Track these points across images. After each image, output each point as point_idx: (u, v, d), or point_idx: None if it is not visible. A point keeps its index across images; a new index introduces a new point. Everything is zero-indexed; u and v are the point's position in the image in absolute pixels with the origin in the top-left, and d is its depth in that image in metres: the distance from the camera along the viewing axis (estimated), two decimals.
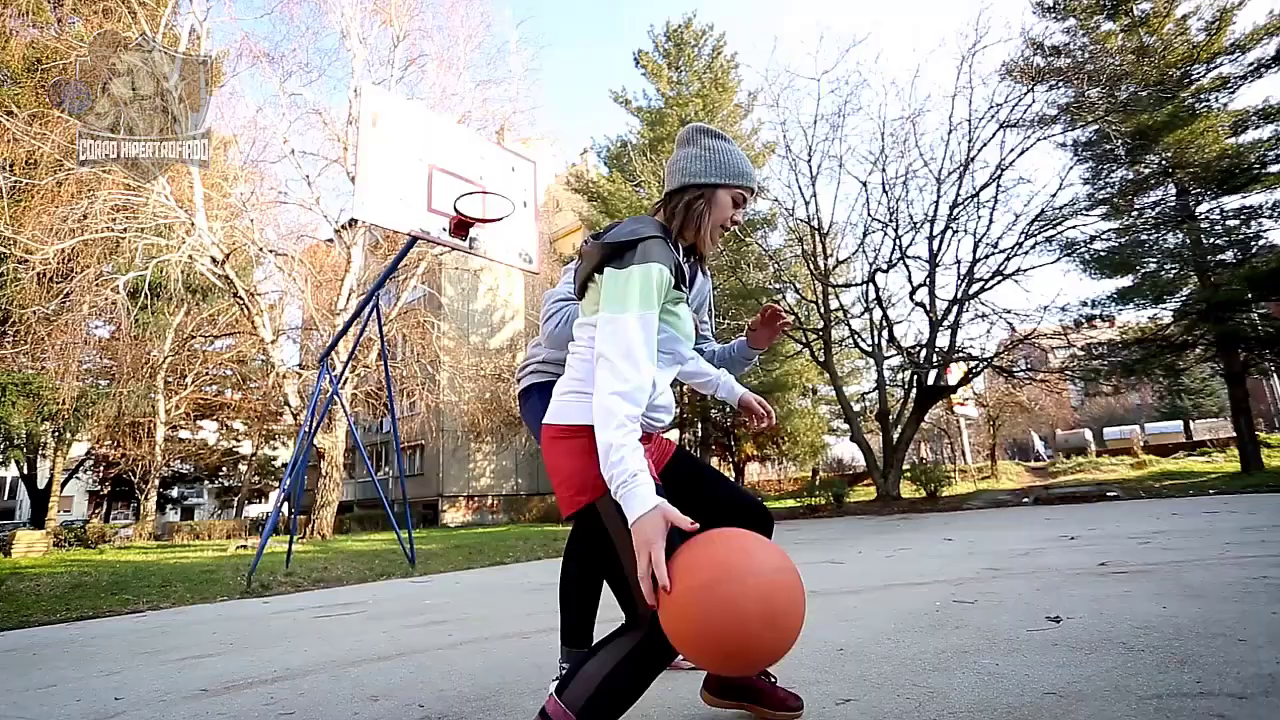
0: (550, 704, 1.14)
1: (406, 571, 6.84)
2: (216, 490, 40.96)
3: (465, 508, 25.96)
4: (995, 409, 24.95)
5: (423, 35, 16.86)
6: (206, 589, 5.86)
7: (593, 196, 23.30)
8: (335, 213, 17.77)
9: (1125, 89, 14.28)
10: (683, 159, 1.37)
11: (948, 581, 3.58)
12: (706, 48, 24.12)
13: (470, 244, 4.99)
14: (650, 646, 1.12)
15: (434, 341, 19.42)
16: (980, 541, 5.82)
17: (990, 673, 1.78)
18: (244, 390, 30.60)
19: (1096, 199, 15.07)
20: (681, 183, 1.35)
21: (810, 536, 8.48)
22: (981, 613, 2.62)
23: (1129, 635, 2.03)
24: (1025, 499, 12.51)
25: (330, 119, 16.70)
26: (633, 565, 1.06)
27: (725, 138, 1.39)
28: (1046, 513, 9.24)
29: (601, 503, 1.16)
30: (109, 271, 14.62)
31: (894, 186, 15.64)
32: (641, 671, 1.14)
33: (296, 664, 2.61)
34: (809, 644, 2.30)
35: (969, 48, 14.53)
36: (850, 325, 17.53)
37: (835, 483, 17.28)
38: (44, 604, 5.13)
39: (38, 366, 17.58)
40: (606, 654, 1.16)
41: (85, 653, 3.26)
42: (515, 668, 2.30)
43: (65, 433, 21.72)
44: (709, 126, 1.40)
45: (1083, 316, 15.70)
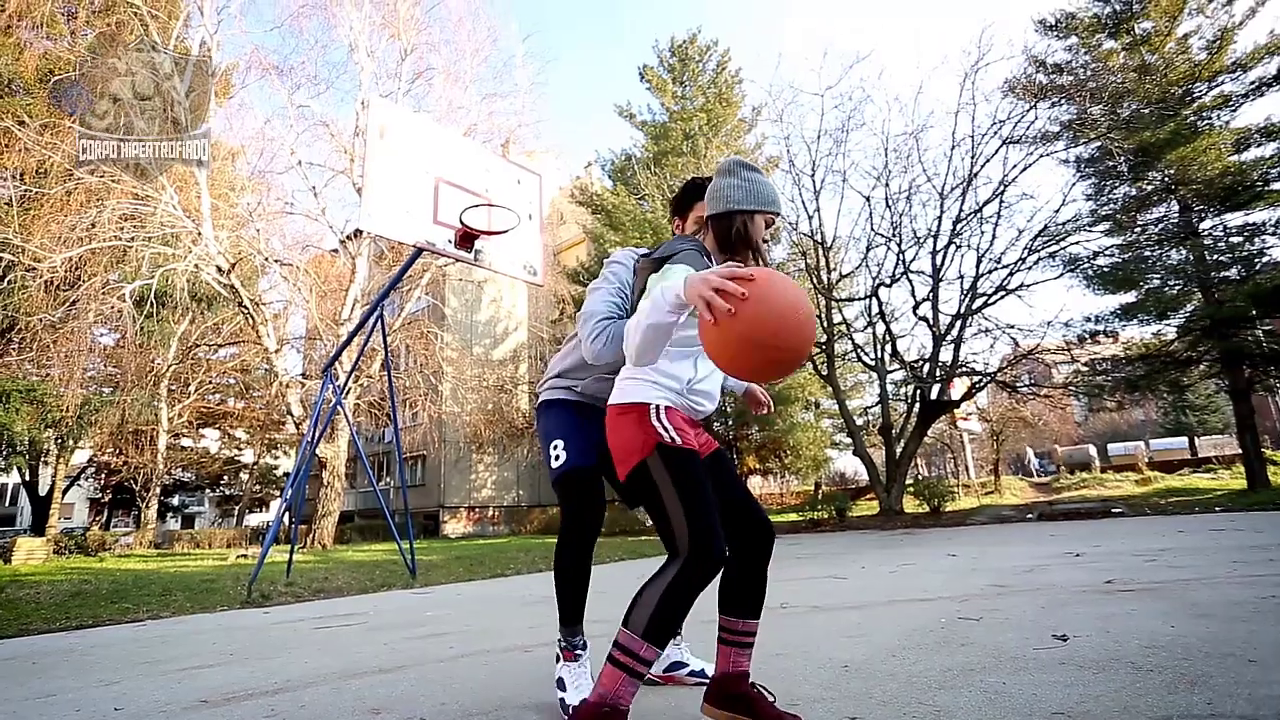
0: (620, 635, 1.42)
1: (407, 583, 6.81)
2: (217, 499, 40.89)
3: (466, 519, 25.89)
4: (999, 424, 24.88)
5: (430, 49, 17.06)
6: (207, 598, 5.83)
7: (597, 209, 23.43)
8: (341, 223, 17.90)
9: (1127, 106, 14.38)
10: (726, 187, 1.64)
11: (952, 598, 3.55)
12: (711, 63, 24.33)
13: (475, 256, 5.01)
14: (689, 570, 1.40)
15: (437, 352, 19.46)
16: (984, 557, 5.78)
17: (997, 691, 1.77)
18: (247, 399, 30.67)
19: (1099, 215, 15.13)
20: (726, 208, 1.63)
21: (813, 551, 8.43)
22: (987, 630, 2.60)
23: (1137, 655, 2.01)
24: (1029, 515, 12.44)
25: (337, 131, 16.86)
26: (675, 506, 1.45)
27: (759, 170, 1.67)
28: (1051, 529, 9.18)
29: (650, 459, 1.50)
30: (115, 280, 14.70)
31: (897, 201, 15.72)
32: (686, 591, 1.40)
33: (297, 675, 2.59)
34: (813, 660, 2.28)
35: (972, 65, 14.68)
36: (853, 339, 17.54)
37: (838, 497, 17.22)
38: (44, 612, 5.12)
39: (42, 373, 17.67)
40: (657, 583, 1.43)
41: (85, 662, 3.24)
42: (518, 681, 2.29)
43: (68, 440, 21.76)
44: (746, 160, 1.68)
45: (1086, 332, 15.70)
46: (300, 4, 16.26)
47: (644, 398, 1.54)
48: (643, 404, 1.54)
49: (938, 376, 15.72)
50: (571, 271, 24.47)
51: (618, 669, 1.40)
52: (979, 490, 21.94)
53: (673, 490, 1.46)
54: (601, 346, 1.85)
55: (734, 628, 1.67)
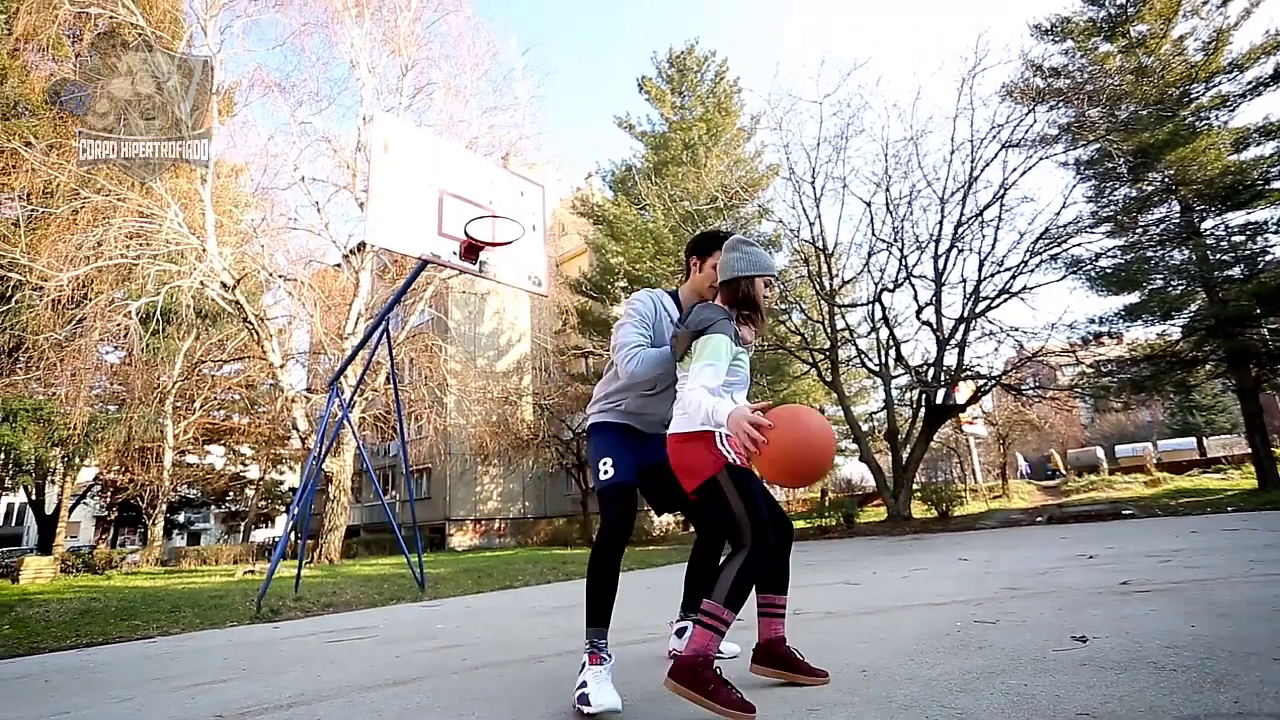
0: (707, 604, 1.87)
1: (416, 596, 6.78)
2: (223, 515, 40.86)
3: (472, 531, 25.81)
4: (1005, 427, 24.78)
5: (430, 64, 17.21)
6: (216, 614, 5.82)
7: (598, 220, 23.50)
8: (344, 238, 17.99)
9: (1125, 108, 14.42)
10: (731, 260, 2.18)
11: (966, 602, 3.53)
12: (709, 73, 24.47)
13: (480, 267, 5.02)
14: (754, 555, 1.90)
15: (441, 365, 19.48)
16: (996, 561, 5.74)
17: (1019, 693, 1.75)
18: (251, 415, 30.72)
19: (1100, 217, 15.13)
20: (734, 275, 2.15)
21: (822, 558, 8.38)
22: (1004, 633, 2.58)
23: (1159, 655, 1.99)
24: (1039, 518, 12.36)
25: (339, 146, 16.99)
26: (740, 510, 1.95)
27: (755, 244, 2.22)
28: (1061, 532, 9.12)
29: (720, 475, 1.98)
30: (121, 298, 14.77)
31: (898, 207, 15.73)
32: (753, 570, 1.90)
33: (311, 689, 2.58)
34: (830, 665, 2.26)
35: (969, 70, 14.71)
36: (857, 345, 17.51)
37: (845, 503, 17.15)
38: (54, 630, 5.11)
39: (49, 392, 17.71)
40: (731, 565, 1.91)
41: (97, 679, 3.23)
42: (534, 691, 2.28)
43: (74, 458, 21.79)
44: (744, 237, 2.27)
45: (1090, 334, 15.67)
46: (302, 22, 16.44)
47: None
48: (708, 432, 1.99)
49: (942, 381, 15.68)
50: (574, 282, 24.52)
51: (706, 630, 1.84)
52: (986, 494, 21.83)
53: (738, 498, 1.96)
54: (635, 367, 2.30)
55: (772, 602, 2.22)
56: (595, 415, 2.55)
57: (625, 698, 1.97)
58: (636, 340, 2.37)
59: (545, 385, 24.39)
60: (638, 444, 2.48)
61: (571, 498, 27.77)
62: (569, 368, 26.32)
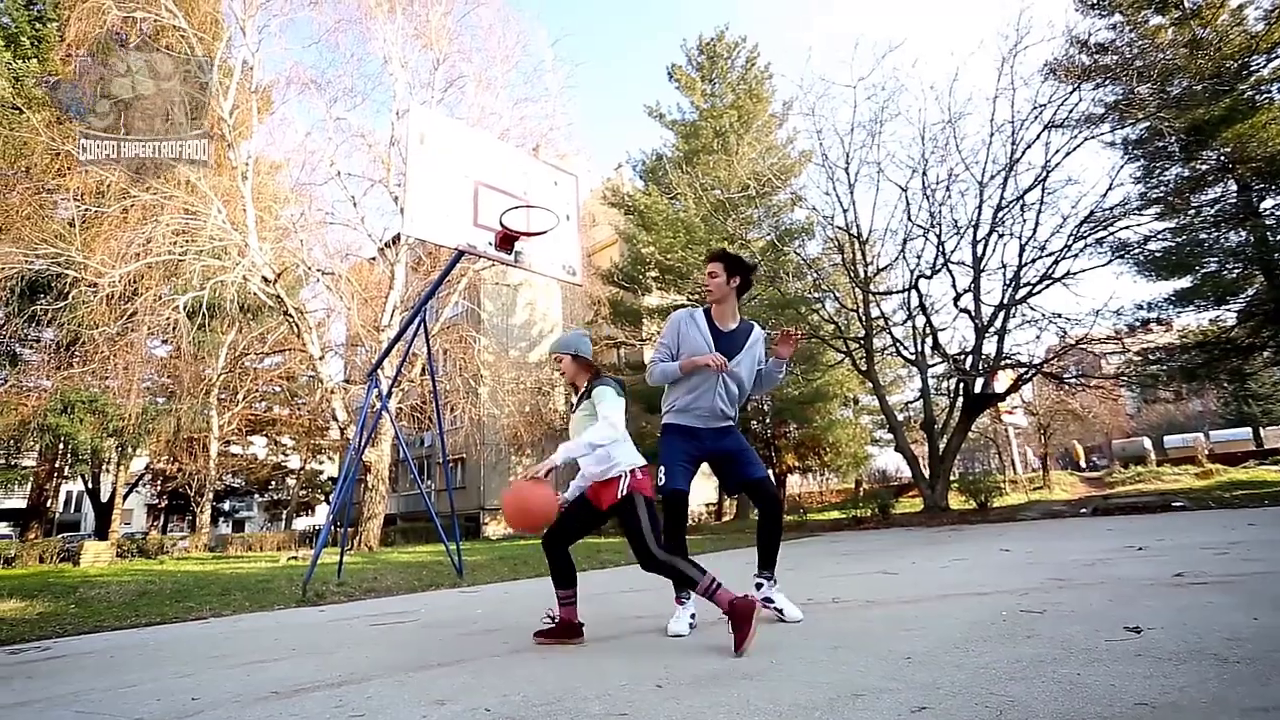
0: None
1: (454, 582, 6.91)
2: (266, 503, 42.18)
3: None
4: (1046, 417, 24.14)
5: (462, 57, 17.31)
6: (264, 598, 6.02)
7: (629, 210, 23.46)
8: (379, 231, 18.29)
9: (1178, 83, 13.80)
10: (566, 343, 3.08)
11: (1010, 592, 3.46)
12: (740, 59, 24.17)
13: (516, 257, 5.07)
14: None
15: (475, 356, 19.73)
16: (1040, 552, 5.61)
17: (1072, 683, 1.71)
18: (291, 406, 31.56)
19: (1150, 198, 14.55)
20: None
21: (858, 548, 8.30)
22: (1052, 623, 2.52)
23: (1220, 647, 1.93)
24: (1083, 510, 12.02)
25: (373, 141, 17.24)
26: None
27: (580, 333, 3.13)
28: (1108, 523, 8.86)
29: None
30: (168, 293, 15.29)
31: (935, 191, 15.37)
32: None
33: (359, 669, 2.65)
34: (873, 653, 2.24)
35: (1010, 49, 14.25)
36: (892, 333, 17.21)
37: (881, 494, 16.93)
38: (115, 610, 5.34)
39: (103, 385, 18.45)
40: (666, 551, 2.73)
41: (158, 656, 3.38)
42: (576, 673, 2.30)
43: (127, 448, 22.71)
44: (585, 331, 3.21)
45: (1138, 320, 15.12)
46: (336, 19, 16.70)
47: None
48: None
49: (981, 369, 15.33)
50: (605, 273, 24.56)
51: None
52: (1027, 485, 21.32)
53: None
54: (649, 378, 3.20)
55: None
56: (664, 417, 3.19)
57: (661, 682, 1.98)
58: (656, 357, 3.17)
59: None
60: (693, 442, 3.07)
61: None
62: (601, 358, 26.41)
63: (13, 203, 13.98)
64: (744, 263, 3.12)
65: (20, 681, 2.86)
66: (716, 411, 3.05)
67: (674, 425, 3.11)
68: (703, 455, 3.08)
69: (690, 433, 3.07)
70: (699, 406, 3.05)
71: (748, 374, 3.11)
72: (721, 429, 3.11)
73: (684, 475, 3.01)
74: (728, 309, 3.12)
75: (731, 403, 3.11)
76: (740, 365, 3.08)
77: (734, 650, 2.39)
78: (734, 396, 3.11)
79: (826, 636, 2.62)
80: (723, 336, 3.08)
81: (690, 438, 3.07)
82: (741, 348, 3.09)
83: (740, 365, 3.08)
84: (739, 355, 3.07)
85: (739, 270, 3.08)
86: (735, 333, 3.11)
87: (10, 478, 21.22)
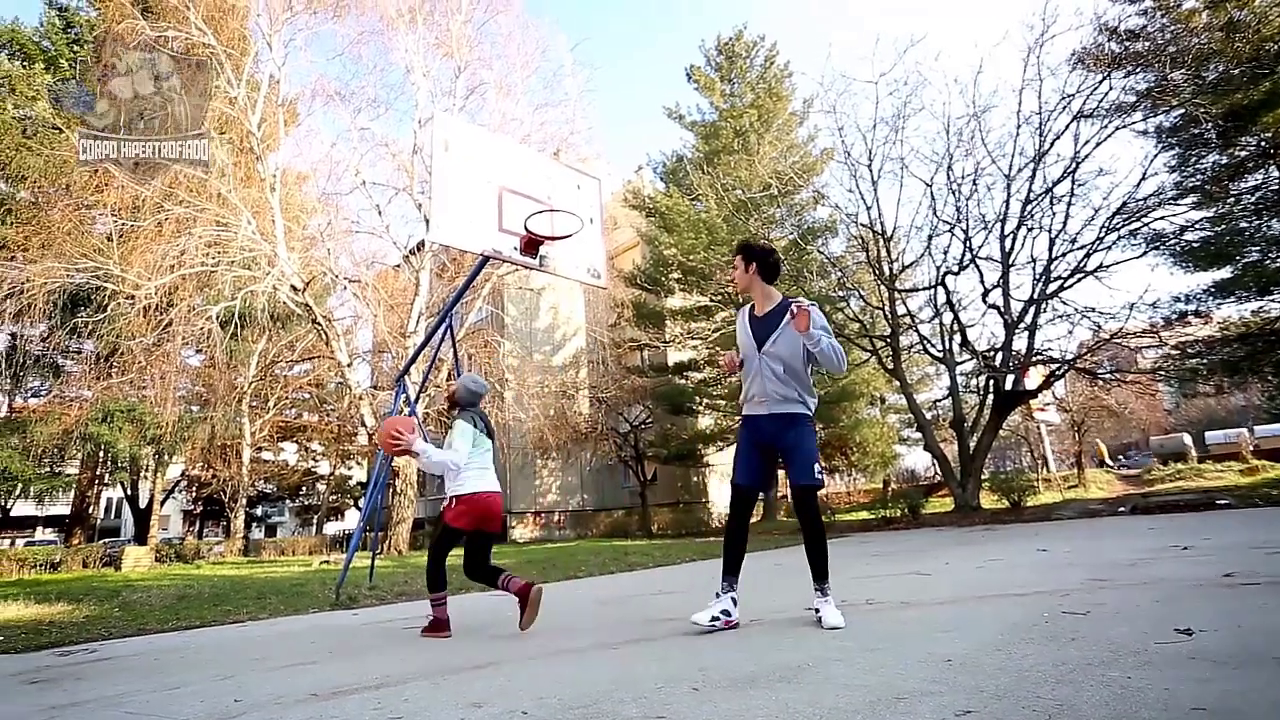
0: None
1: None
2: (297, 509, 42.99)
3: (533, 523, 26.31)
4: (1079, 414, 23.58)
5: (482, 64, 17.49)
6: (298, 601, 6.12)
7: (650, 213, 23.46)
8: (403, 239, 18.55)
9: (1214, 68, 13.38)
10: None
11: (1050, 593, 3.37)
12: (759, 58, 24.06)
13: (541, 262, 5.08)
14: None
15: (500, 360, 19.88)
16: (1078, 552, 5.48)
17: (1123, 686, 1.66)
18: (321, 413, 32.11)
19: (1186, 187, 14.13)
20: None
21: (889, 549, 8.18)
22: (1096, 624, 2.46)
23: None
24: (1121, 508, 11.71)
25: (397, 150, 17.49)
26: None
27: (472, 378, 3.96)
28: (1148, 522, 8.62)
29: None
30: (201, 304, 15.67)
31: (961, 186, 15.14)
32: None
33: (395, 672, 2.68)
34: (912, 655, 2.20)
35: (1036, 38, 13.99)
36: (919, 330, 16.96)
37: (910, 494, 16.68)
38: (156, 614, 5.47)
39: (140, 394, 18.95)
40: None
41: (199, 659, 3.45)
42: (610, 676, 2.30)
43: (164, 455, 23.29)
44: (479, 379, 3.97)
45: (1175, 313, 14.69)
46: (358, 31, 16.99)
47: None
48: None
49: (1011, 366, 15.03)
50: (628, 275, 24.59)
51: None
52: (1060, 484, 20.84)
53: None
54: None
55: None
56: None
57: (697, 685, 1.97)
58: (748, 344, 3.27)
59: (602, 379, 24.56)
60: (754, 433, 3.18)
61: (630, 490, 27.94)
62: (625, 360, 26.43)
63: (54, 219, 14.44)
64: (755, 248, 3.27)
65: (70, 683, 2.94)
66: (767, 393, 3.13)
67: (743, 416, 3.26)
68: (764, 444, 3.17)
69: (752, 422, 3.19)
70: (753, 393, 3.19)
71: (788, 349, 3.12)
72: (780, 416, 3.12)
73: (744, 469, 3.15)
74: (758, 295, 3.28)
75: (783, 382, 3.11)
76: (777, 344, 3.12)
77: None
78: (784, 376, 3.12)
79: (862, 638, 2.58)
80: (758, 322, 3.23)
81: (752, 428, 3.18)
82: (776, 327, 3.16)
83: (777, 344, 3.12)
84: (774, 334, 3.14)
85: (753, 256, 3.23)
86: (770, 314, 3.21)
87: (55, 485, 21.90)
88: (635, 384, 25.21)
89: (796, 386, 3.13)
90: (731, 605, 3.05)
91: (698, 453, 24.75)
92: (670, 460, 25.33)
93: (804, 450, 3.07)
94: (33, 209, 17.06)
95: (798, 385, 3.13)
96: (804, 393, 3.14)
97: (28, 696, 2.68)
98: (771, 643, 2.68)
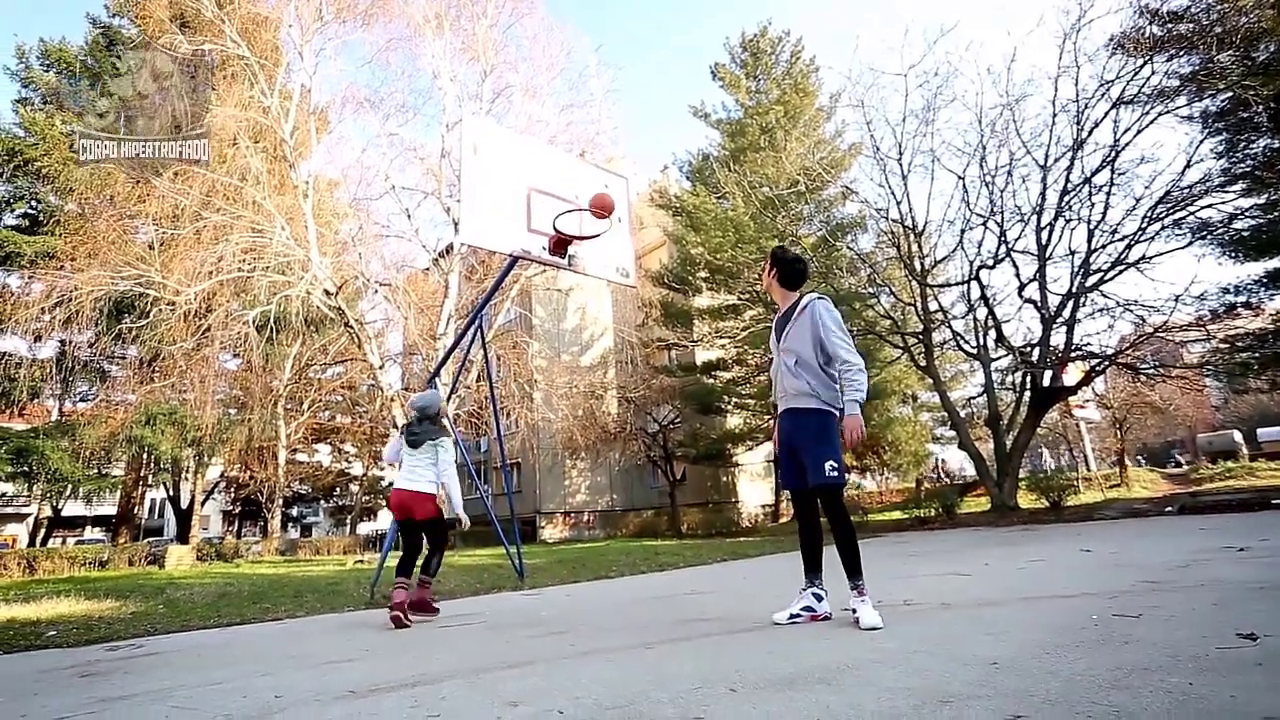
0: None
1: (516, 584, 7.00)
2: (331, 509, 43.83)
3: (562, 523, 26.45)
4: (1121, 410, 22.89)
5: (508, 68, 17.61)
6: (334, 600, 6.22)
7: (677, 211, 23.40)
8: (432, 242, 18.77)
9: (1264, 48, 12.82)
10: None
11: (1098, 594, 3.26)
12: (784, 54, 23.84)
13: (570, 261, 5.09)
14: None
15: (528, 361, 20.00)
16: (1125, 553, 5.30)
17: (1184, 693, 1.58)
18: (353, 415, 32.69)
19: (1234, 174, 13.55)
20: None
21: (925, 549, 8.02)
22: (1150, 628, 2.36)
23: None
24: (1168, 508, 11.32)
25: (425, 155, 17.70)
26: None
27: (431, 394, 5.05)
28: (1199, 522, 8.31)
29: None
30: (238, 309, 16.05)
31: (995, 178, 14.79)
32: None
33: (431, 670, 2.69)
34: (956, 657, 2.14)
35: (1072, 24, 13.62)
36: (952, 327, 16.61)
37: (945, 493, 16.35)
38: (199, 611, 5.62)
39: (181, 398, 19.49)
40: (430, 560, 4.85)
41: (240, 655, 3.52)
42: (646, 676, 2.28)
43: (204, 457, 23.93)
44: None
45: (1223, 305, 14.13)
46: (387, 39, 17.24)
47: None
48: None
49: (1049, 361, 14.63)
50: (655, 275, 24.56)
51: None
52: (1102, 483, 20.24)
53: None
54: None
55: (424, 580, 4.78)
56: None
57: (734, 685, 1.94)
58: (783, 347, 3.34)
59: (630, 378, 24.58)
60: (781, 431, 3.31)
61: (659, 490, 27.91)
62: (653, 360, 26.40)
63: (99, 229, 14.90)
64: (777, 253, 3.46)
65: (119, 677, 3.02)
66: (785, 389, 3.27)
67: (782, 414, 3.33)
68: (786, 444, 3.27)
69: (778, 422, 3.35)
70: (776, 390, 3.38)
71: (799, 341, 3.22)
72: (793, 412, 3.22)
73: (783, 471, 3.37)
74: (777, 297, 3.49)
75: (795, 375, 3.20)
76: (788, 339, 3.27)
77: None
78: (795, 369, 3.21)
79: (902, 640, 2.52)
80: (779, 321, 3.42)
81: (778, 428, 3.34)
82: (788, 322, 3.32)
83: (788, 339, 3.27)
84: (787, 328, 3.29)
85: (774, 261, 3.44)
86: (786, 312, 3.38)
87: (102, 486, 22.62)
88: (663, 384, 25.17)
89: (808, 378, 3.16)
90: (814, 601, 3.15)
91: (727, 452, 24.59)
92: (699, 460, 25.23)
93: (814, 450, 3.08)
94: (79, 220, 17.64)
95: (809, 377, 3.17)
96: (818, 385, 3.15)
97: (80, 690, 2.76)
98: (808, 644, 2.64)
